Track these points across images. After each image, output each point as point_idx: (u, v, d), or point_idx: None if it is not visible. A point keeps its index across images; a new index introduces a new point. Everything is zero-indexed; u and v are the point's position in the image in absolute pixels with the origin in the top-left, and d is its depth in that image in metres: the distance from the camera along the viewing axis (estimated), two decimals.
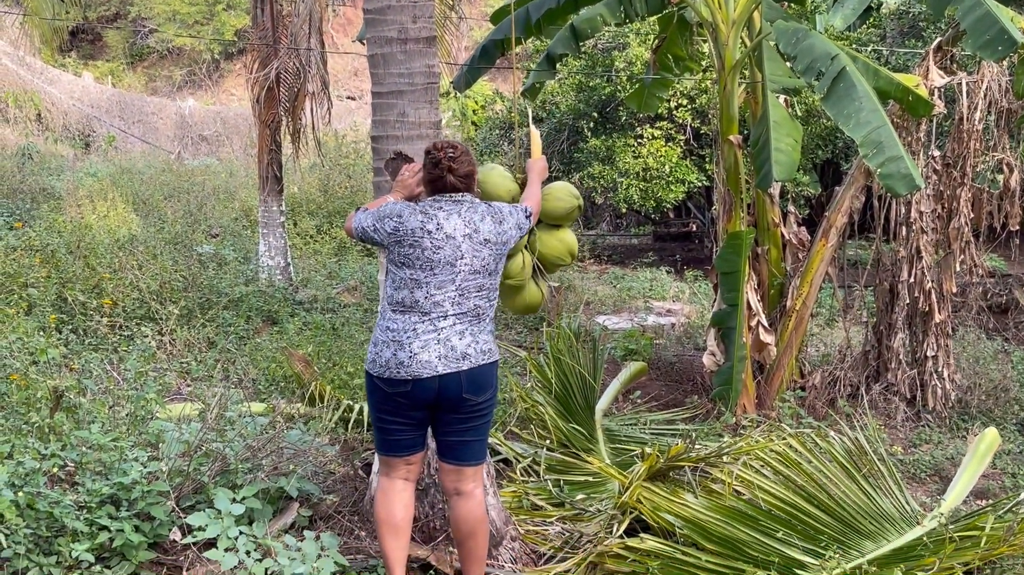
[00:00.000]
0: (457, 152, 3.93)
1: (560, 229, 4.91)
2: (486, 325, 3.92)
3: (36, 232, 9.62)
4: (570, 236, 4.93)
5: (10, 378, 5.57)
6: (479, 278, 3.87)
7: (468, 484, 3.95)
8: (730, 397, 6.75)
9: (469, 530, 3.96)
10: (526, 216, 4.14)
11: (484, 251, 3.87)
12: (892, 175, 5.60)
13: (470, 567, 4.02)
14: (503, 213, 4.02)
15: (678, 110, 13.00)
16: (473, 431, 3.94)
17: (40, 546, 4.13)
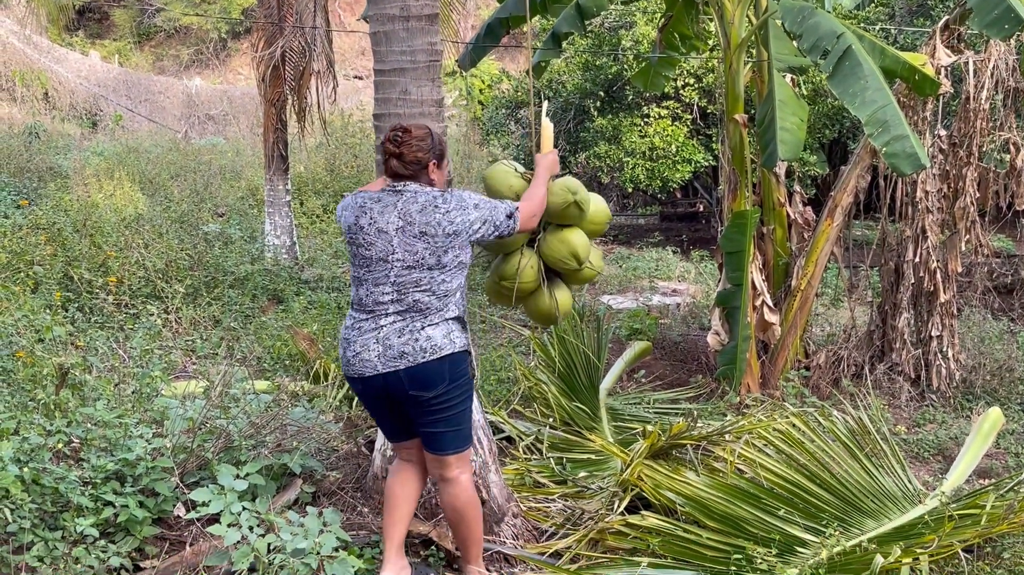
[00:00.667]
0: (406, 136, 3.76)
1: (567, 229, 4.41)
2: (432, 319, 3.73)
3: (43, 211, 9.64)
4: (577, 237, 4.40)
5: (16, 355, 5.61)
6: (415, 272, 3.71)
7: (451, 471, 3.88)
8: (734, 377, 6.75)
9: (457, 516, 3.93)
10: (507, 215, 3.87)
11: (418, 244, 3.69)
12: (897, 154, 5.58)
13: (467, 550, 4.02)
14: (460, 203, 3.77)
15: (685, 89, 12.95)
16: (442, 423, 3.82)
17: (45, 521, 4.16)
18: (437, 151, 3.86)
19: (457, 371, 3.79)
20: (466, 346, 3.83)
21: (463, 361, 3.81)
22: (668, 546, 4.19)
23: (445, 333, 3.75)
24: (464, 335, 3.84)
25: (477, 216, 3.77)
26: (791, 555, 4.08)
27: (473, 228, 3.77)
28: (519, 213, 3.91)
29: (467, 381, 3.84)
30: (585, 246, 4.39)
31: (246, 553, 3.79)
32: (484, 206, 3.82)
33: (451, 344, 3.75)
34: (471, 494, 3.94)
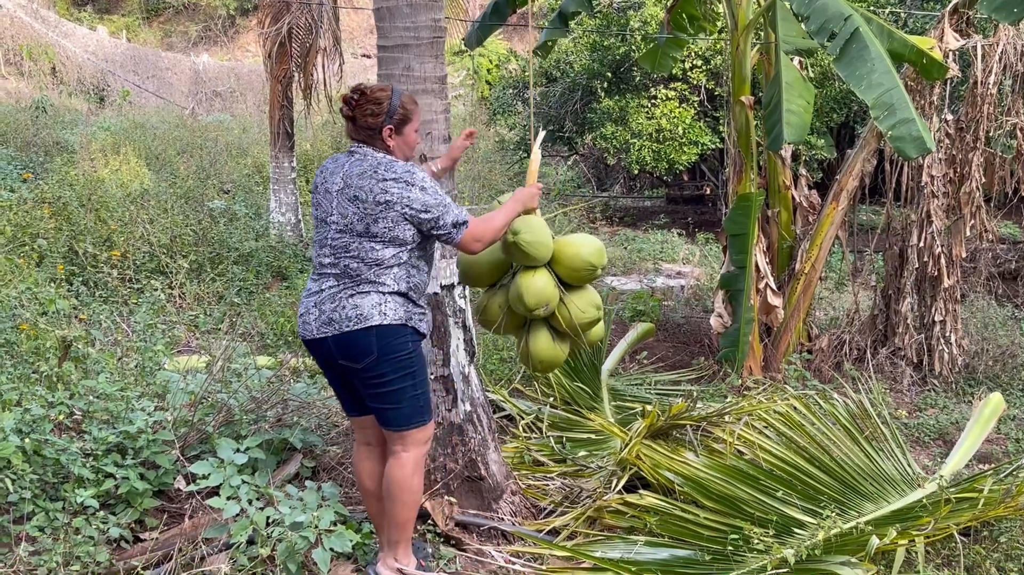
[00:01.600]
0: (360, 99, 3.67)
1: (526, 271, 4.07)
2: (363, 288, 3.61)
3: (48, 185, 9.65)
4: (532, 281, 4.02)
5: (20, 327, 5.63)
6: (345, 237, 3.62)
7: (394, 446, 3.78)
8: (736, 359, 6.76)
9: (386, 489, 3.80)
10: (454, 223, 3.65)
11: (350, 208, 3.60)
12: (903, 138, 5.55)
13: (390, 530, 3.85)
14: (407, 178, 3.60)
15: (692, 71, 12.89)
16: (380, 399, 3.72)
17: (46, 491, 4.20)
18: (396, 116, 3.69)
19: (388, 345, 3.63)
20: (402, 321, 3.65)
21: (397, 336, 3.64)
22: (665, 525, 4.21)
23: (375, 303, 3.61)
24: (404, 310, 3.66)
25: (421, 200, 3.59)
26: (788, 536, 4.09)
27: (411, 208, 3.58)
28: (467, 229, 3.68)
29: (406, 359, 3.67)
30: (536, 292, 4.00)
31: (245, 526, 3.81)
32: (436, 198, 3.63)
33: (380, 316, 3.60)
34: (406, 475, 3.76)
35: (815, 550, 3.74)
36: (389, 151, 3.73)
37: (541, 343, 4.15)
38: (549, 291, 4.02)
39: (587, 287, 4.18)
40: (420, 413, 3.76)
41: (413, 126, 3.76)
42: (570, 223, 12.32)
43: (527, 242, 3.95)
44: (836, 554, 3.76)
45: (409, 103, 3.75)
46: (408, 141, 3.77)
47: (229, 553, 3.83)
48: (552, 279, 4.06)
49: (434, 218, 3.62)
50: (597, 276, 4.15)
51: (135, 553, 3.99)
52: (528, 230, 3.97)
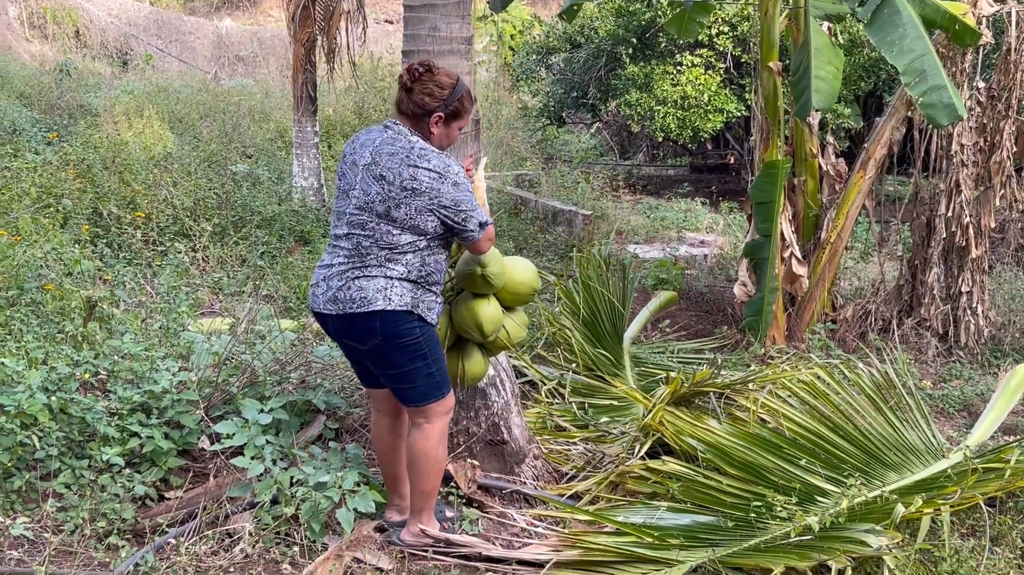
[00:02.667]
0: (426, 75, 3.58)
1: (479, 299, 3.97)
2: (371, 272, 3.54)
3: (72, 147, 9.67)
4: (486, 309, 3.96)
5: (45, 288, 5.66)
6: (363, 215, 3.54)
7: (418, 418, 3.75)
8: (759, 328, 6.72)
9: (410, 460, 3.80)
10: (479, 223, 3.59)
11: (374, 187, 3.51)
12: (934, 104, 5.48)
13: (414, 498, 3.86)
14: (441, 168, 3.50)
15: (719, 37, 12.75)
16: (392, 379, 3.70)
17: (72, 449, 4.23)
18: (450, 105, 3.59)
19: (394, 331, 3.56)
20: (408, 308, 3.56)
21: (403, 322, 3.56)
22: (688, 491, 4.20)
23: (380, 288, 3.53)
24: (411, 296, 3.57)
25: (453, 196, 3.51)
26: (811, 504, 4.08)
27: (441, 200, 3.50)
28: (486, 231, 3.64)
29: (413, 343, 3.60)
30: (493, 319, 3.96)
31: (269, 485, 3.83)
32: (468, 195, 3.56)
33: (385, 301, 3.52)
34: (431, 447, 3.73)
35: (839, 518, 3.72)
36: (428, 138, 3.62)
37: (476, 361, 4.06)
38: (499, 317, 3.98)
39: (518, 309, 4.16)
40: (437, 388, 3.71)
41: (461, 123, 3.69)
42: (593, 191, 12.26)
43: (494, 274, 3.85)
44: (860, 522, 3.74)
45: (468, 100, 3.68)
46: (450, 135, 3.69)
47: (253, 512, 3.86)
48: (499, 305, 4.01)
49: (463, 217, 3.55)
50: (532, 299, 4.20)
51: (160, 511, 4.02)
52: (494, 262, 3.87)
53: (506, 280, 3.98)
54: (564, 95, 14.75)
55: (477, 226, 3.59)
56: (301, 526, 3.79)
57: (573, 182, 12.65)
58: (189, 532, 3.80)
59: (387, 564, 3.72)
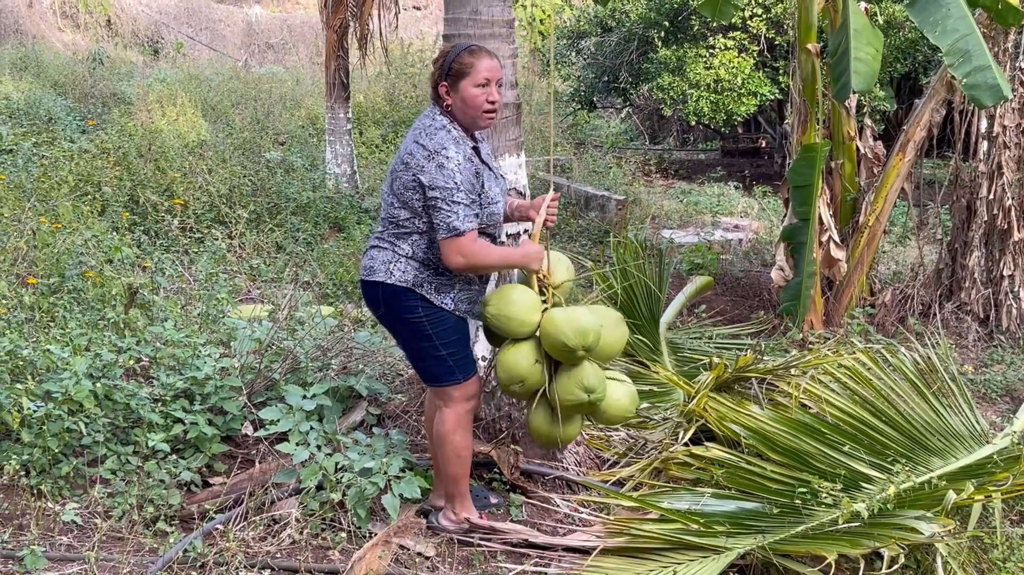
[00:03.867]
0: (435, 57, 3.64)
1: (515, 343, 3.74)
2: (382, 243, 3.61)
3: (108, 135, 9.74)
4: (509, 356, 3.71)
5: (85, 275, 5.70)
6: (387, 196, 3.62)
7: (437, 399, 3.77)
8: (798, 313, 6.67)
9: (433, 445, 3.85)
10: (447, 224, 3.43)
11: (396, 166, 3.59)
12: (978, 85, 5.39)
13: (443, 486, 3.90)
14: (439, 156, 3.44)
15: (752, 20, 12.63)
16: (406, 354, 3.81)
17: (117, 436, 4.27)
18: (451, 70, 3.51)
19: (396, 306, 3.59)
20: (408, 286, 3.55)
21: (405, 298, 3.57)
22: (732, 478, 4.17)
23: (386, 260, 3.58)
24: (414, 275, 3.56)
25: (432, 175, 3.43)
26: (856, 490, 4.04)
27: (420, 177, 3.46)
28: (458, 238, 3.44)
29: (417, 322, 3.59)
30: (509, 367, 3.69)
31: (314, 471, 3.85)
32: (449, 183, 3.42)
33: (386, 274, 3.56)
34: (447, 431, 3.71)
35: (887, 504, 3.69)
36: (451, 113, 3.57)
37: (536, 419, 3.82)
38: (523, 367, 3.67)
39: (583, 365, 3.71)
40: (450, 373, 3.69)
41: (472, 80, 3.50)
42: (626, 176, 12.21)
43: (492, 315, 3.67)
44: (909, 509, 3.70)
45: (466, 56, 3.52)
46: (467, 98, 3.51)
47: (299, 498, 3.87)
48: (534, 354, 3.69)
49: (434, 200, 3.44)
50: (582, 358, 3.67)
51: (205, 497, 4.05)
52: (497, 303, 3.68)
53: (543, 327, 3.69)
54: (595, 79, 14.68)
55: (445, 223, 3.44)
56: (347, 512, 3.80)
57: (605, 167, 12.60)
58: (236, 518, 3.82)
59: (432, 551, 3.72)
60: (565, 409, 3.71)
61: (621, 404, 3.85)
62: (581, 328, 3.58)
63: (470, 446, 3.80)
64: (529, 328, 3.68)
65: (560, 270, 3.85)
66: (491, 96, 3.54)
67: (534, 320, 3.68)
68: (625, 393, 3.88)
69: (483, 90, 3.52)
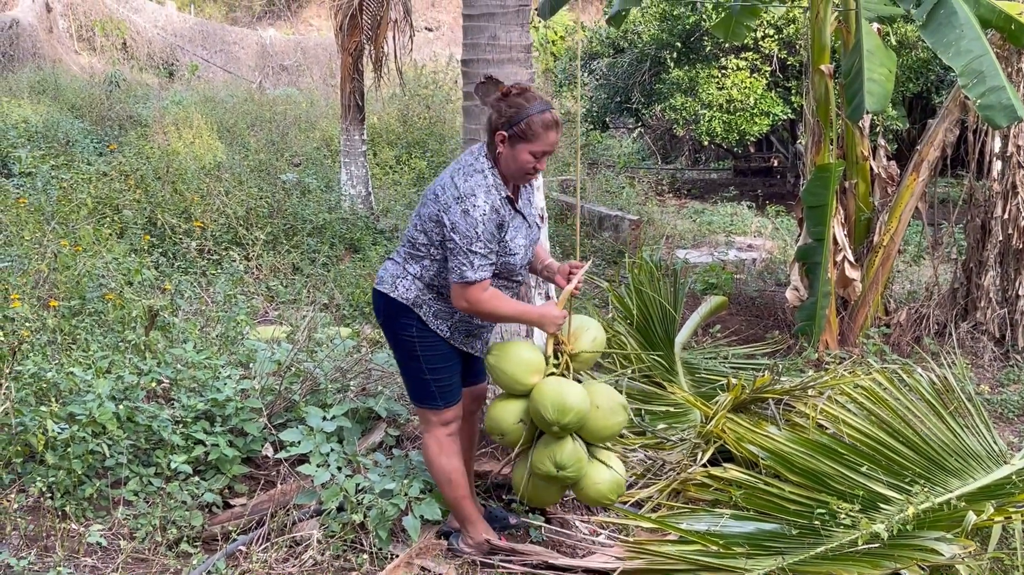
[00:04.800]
0: (508, 95, 3.57)
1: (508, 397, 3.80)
2: (396, 258, 3.71)
3: (126, 157, 9.83)
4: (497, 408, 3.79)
5: (106, 297, 5.75)
6: (414, 216, 3.68)
7: (420, 422, 3.85)
8: (813, 333, 6.67)
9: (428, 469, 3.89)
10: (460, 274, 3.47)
11: (428, 194, 3.64)
12: (992, 106, 5.42)
13: (451, 511, 3.94)
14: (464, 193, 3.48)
15: (764, 40, 12.70)
16: (398, 365, 3.89)
17: (139, 457, 4.30)
18: (514, 126, 3.48)
19: (392, 320, 3.68)
20: (408, 304, 3.62)
21: (401, 315, 3.64)
22: (750, 499, 4.19)
23: (395, 274, 3.68)
24: (415, 294, 3.62)
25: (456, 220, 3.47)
26: (874, 511, 4.05)
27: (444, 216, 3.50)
28: (471, 286, 3.48)
29: (408, 340, 3.66)
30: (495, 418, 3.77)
31: (335, 492, 3.87)
32: (470, 233, 3.45)
33: (391, 287, 3.66)
34: (431, 457, 3.78)
35: (906, 525, 3.69)
36: (496, 159, 3.59)
37: (516, 474, 3.88)
38: (505, 423, 3.73)
39: (563, 440, 3.71)
40: (431, 397, 3.74)
41: (530, 147, 3.51)
42: (638, 196, 12.24)
43: (490, 364, 3.75)
44: (928, 530, 3.71)
45: (539, 125, 3.49)
46: (518, 159, 3.53)
47: (320, 519, 3.90)
48: (521, 414, 3.72)
49: (452, 243, 3.48)
50: (557, 434, 3.67)
51: (227, 518, 4.07)
52: (498, 354, 3.74)
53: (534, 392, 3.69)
54: (607, 100, 14.74)
55: (459, 272, 3.48)
56: (368, 533, 3.82)
57: (618, 187, 12.64)
58: (258, 539, 3.85)
59: (454, 572, 3.74)
60: (535, 476, 3.75)
61: (598, 489, 3.80)
62: (562, 406, 3.58)
63: (458, 469, 3.82)
64: (522, 388, 3.71)
65: (584, 339, 3.84)
66: (539, 166, 3.59)
67: (529, 382, 3.70)
68: (607, 479, 3.81)
69: (536, 159, 3.56)
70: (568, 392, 3.62)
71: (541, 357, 3.76)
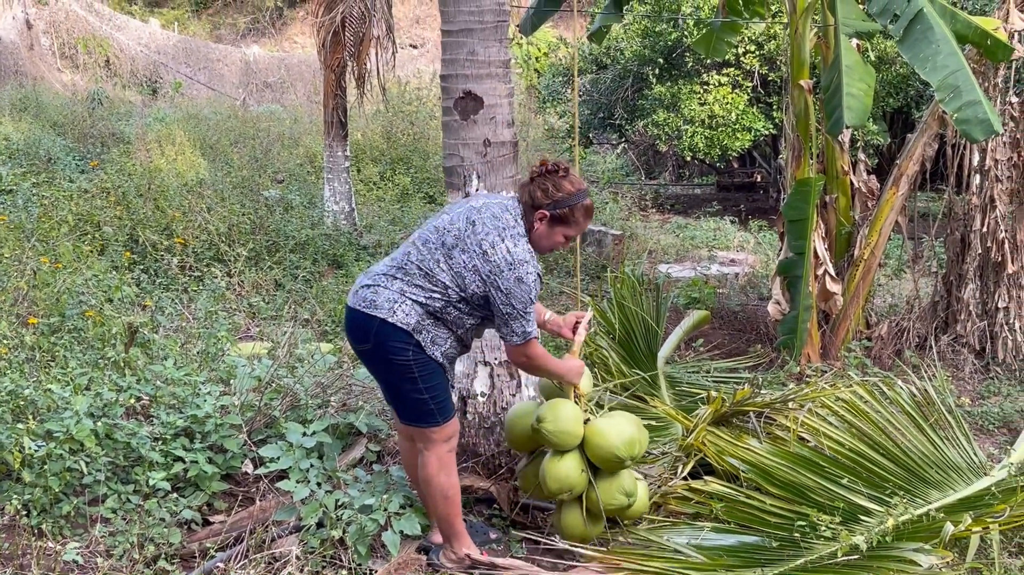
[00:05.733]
0: (553, 173, 3.64)
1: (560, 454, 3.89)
2: (394, 286, 3.63)
3: (108, 174, 9.80)
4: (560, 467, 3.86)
5: (86, 314, 5.73)
6: (433, 235, 3.67)
7: (417, 442, 3.82)
8: (795, 346, 6.69)
9: (421, 487, 3.89)
10: (521, 331, 3.59)
11: (462, 224, 3.63)
12: (969, 120, 5.47)
13: (439, 525, 3.93)
14: (517, 259, 3.54)
15: (746, 56, 12.78)
16: (386, 392, 3.86)
17: (118, 474, 4.28)
18: (559, 209, 3.60)
19: (386, 344, 3.62)
20: (408, 329, 3.60)
21: (398, 340, 3.61)
22: (731, 512, 4.19)
23: (391, 299, 3.61)
24: (416, 319, 3.61)
25: (511, 287, 3.54)
26: (855, 523, 4.06)
27: (497, 281, 3.54)
28: (528, 344, 3.63)
29: (404, 364, 3.64)
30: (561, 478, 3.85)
31: (315, 508, 3.86)
32: (524, 298, 3.54)
33: (389, 313, 3.60)
34: (431, 474, 3.78)
35: (886, 537, 3.70)
36: (531, 230, 3.65)
37: (571, 520, 3.94)
38: (574, 478, 3.84)
39: (622, 472, 3.92)
40: (430, 415, 3.74)
41: (566, 231, 3.66)
42: (622, 211, 12.28)
43: (549, 431, 3.81)
44: (907, 541, 3.71)
45: (581, 213, 3.66)
46: (552, 239, 3.68)
47: (299, 535, 3.88)
48: (580, 463, 3.87)
49: (509, 311, 3.57)
50: (628, 466, 3.90)
51: (206, 535, 4.05)
52: (553, 419, 3.82)
53: (588, 438, 3.85)
54: (591, 116, 14.80)
55: (518, 333, 3.60)
56: (347, 549, 3.81)
57: (601, 202, 12.68)
58: (237, 556, 3.83)
59: None
60: (607, 512, 3.91)
61: (643, 502, 4.05)
62: (629, 439, 3.84)
63: (456, 485, 3.83)
64: (578, 440, 3.86)
65: (586, 382, 4.05)
66: (566, 246, 3.79)
67: (581, 432, 3.86)
68: (645, 491, 4.09)
69: (565, 241, 3.72)
70: (623, 427, 3.89)
71: (577, 407, 3.92)
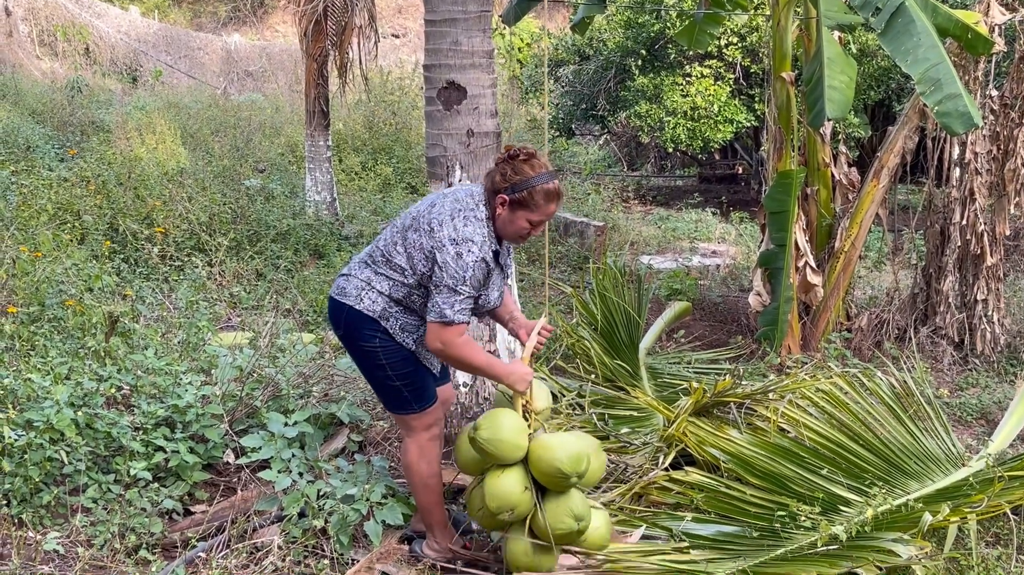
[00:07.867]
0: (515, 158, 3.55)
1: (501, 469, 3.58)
2: (361, 274, 3.64)
3: (87, 163, 9.73)
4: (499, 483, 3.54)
5: (66, 303, 5.70)
6: (396, 234, 3.64)
7: (400, 429, 3.82)
8: (775, 338, 6.73)
9: (404, 474, 3.86)
10: (440, 313, 3.44)
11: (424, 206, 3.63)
12: (949, 113, 5.49)
13: (421, 515, 3.90)
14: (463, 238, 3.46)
15: (728, 48, 12.81)
16: (365, 379, 3.88)
17: (99, 464, 4.26)
18: (517, 192, 3.49)
19: (355, 331, 3.63)
20: (375, 316, 3.59)
21: (366, 327, 3.61)
22: (712, 502, 4.21)
23: (359, 287, 3.62)
24: (383, 307, 3.60)
25: (448, 260, 3.45)
26: (834, 513, 4.09)
27: (438, 254, 3.47)
28: (449, 327, 3.46)
29: (372, 351, 3.64)
30: (500, 495, 3.52)
31: (297, 498, 3.86)
32: (457, 275, 3.44)
33: (356, 300, 3.61)
34: (411, 461, 3.76)
35: (865, 527, 3.73)
36: (494, 217, 3.58)
37: (517, 550, 3.61)
38: (515, 496, 3.51)
39: (572, 492, 3.58)
40: (405, 403, 3.73)
41: (529, 215, 3.53)
42: (604, 202, 12.29)
43: (484, 439, 3.51)
44: (886, 531, 3.74)
45: (540, 196, 3.50)
46: (514, 223, 3.55)
47: (281, 526, 3.88)
48: (523, 480, 3.55)
49: (438, 284, 3.47)
50: (573, 484, 3.53)
51: (187, 525, 4.04)
52: (489, 427, 3.54)
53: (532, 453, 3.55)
54: (573, 107, 14.80)
55: (436, 311, 3.46)
56: (329, 539, 3.81)
57: (584, 193, 12.69)
58: (218, 546, 3.82)
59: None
60: (555, 538, 3.53)
61: (600, 533, 3.69)
62: (576, 454, 3.48)
63: (437, 474, 3.82)
64: (521, 453, 3.56)
65: (542, 397, 3.80)
66: (534, 232, 3.61)
67: (524, 444, 3.57)
68: (604, 521, 3.73)
69: (531, 227, 3.58)
70: (571, 441, 3.56)
71: (521, 419, 3.62)
